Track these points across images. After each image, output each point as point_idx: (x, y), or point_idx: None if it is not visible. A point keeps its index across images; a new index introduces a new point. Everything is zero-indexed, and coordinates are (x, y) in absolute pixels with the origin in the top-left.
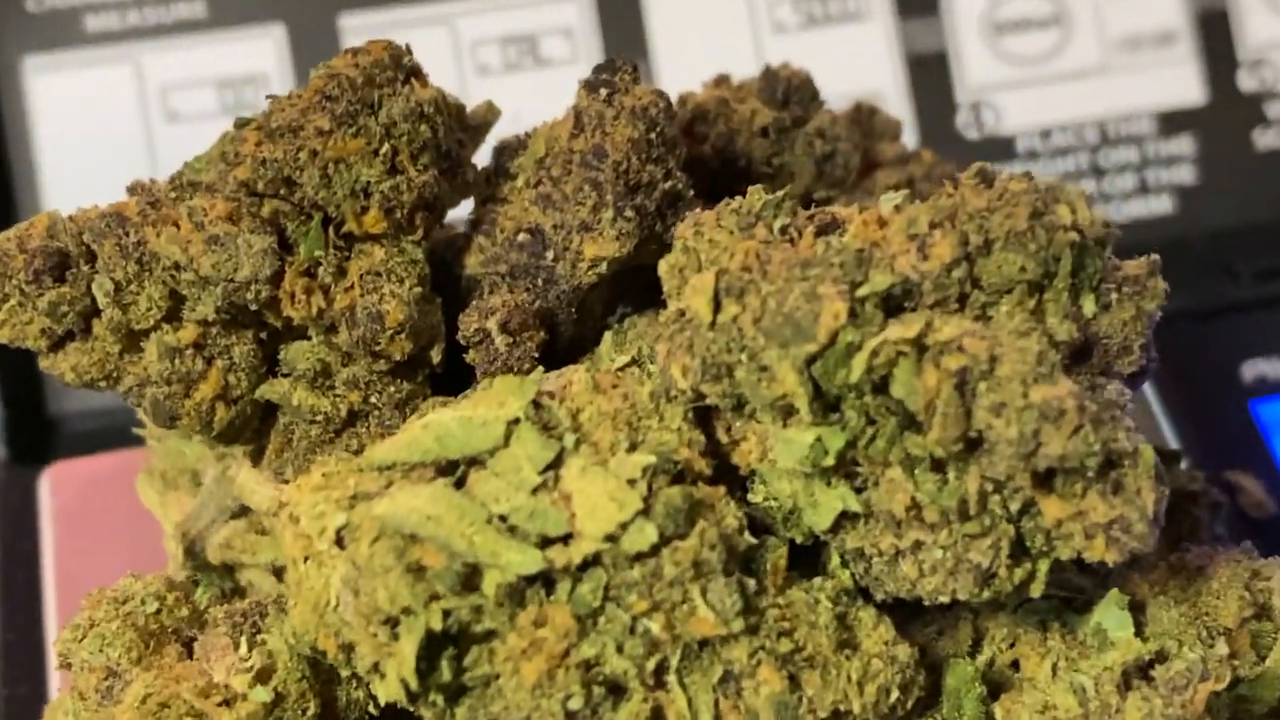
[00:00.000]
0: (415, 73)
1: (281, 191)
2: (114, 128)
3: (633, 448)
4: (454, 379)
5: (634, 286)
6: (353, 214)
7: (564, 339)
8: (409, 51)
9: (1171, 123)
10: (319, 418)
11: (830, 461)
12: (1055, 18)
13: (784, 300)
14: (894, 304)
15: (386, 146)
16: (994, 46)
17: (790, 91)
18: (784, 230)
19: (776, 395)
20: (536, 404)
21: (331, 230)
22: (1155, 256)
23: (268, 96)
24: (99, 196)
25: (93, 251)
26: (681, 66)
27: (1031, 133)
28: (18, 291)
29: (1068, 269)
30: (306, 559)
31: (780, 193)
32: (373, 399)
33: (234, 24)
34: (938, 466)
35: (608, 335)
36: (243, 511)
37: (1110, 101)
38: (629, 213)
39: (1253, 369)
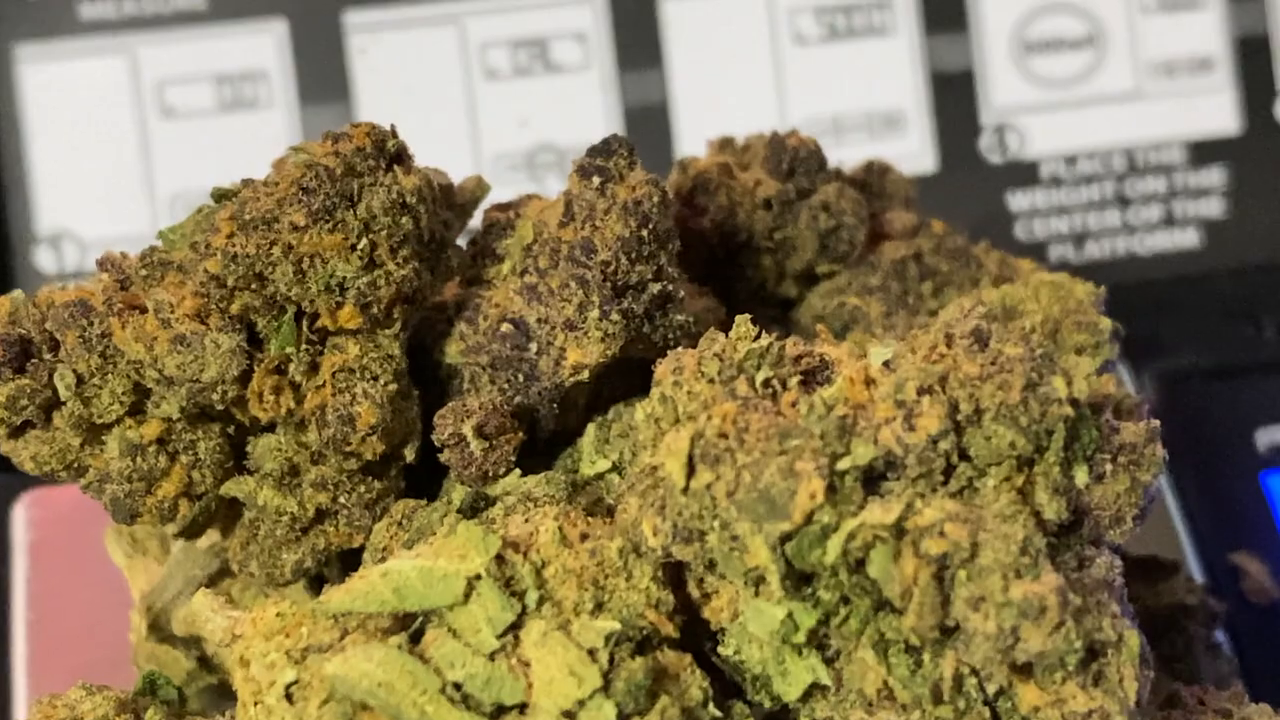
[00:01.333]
0: (399, 157)
1: (253, 286)
2: (107, 122)
3: (598, 608)
4: (430, 472)
5: (621, 372)
6: (327, 309)
7: (545, 433)
8: (394, 134)
9: (1203, 153)
10: (285, 517)
11: (801, 639)
12: (1089, 38)
13: (760, 474)
14: (875, 474)
15: (365, 241)
16: (1023, 66)
17: (796, 162)
18: (767, 383)
19: (749, 567)
20: (500, 558)
21: (305, 324)
22: (1155, 423)
23: (243, 182)
24: (90, 194)
25: (55, 340)
26: (697, 77)
27: (1056, 158)
28: None
29: (1060, 443)
30: (256, 703)
31: (766, 340)
32: (341, 499)
33: (234, 17)
34: (912, 648)
35: (591, 429)
36: (210, 582)
37: (1141, 128)
38: (615, 316)
39: (1268, 437)
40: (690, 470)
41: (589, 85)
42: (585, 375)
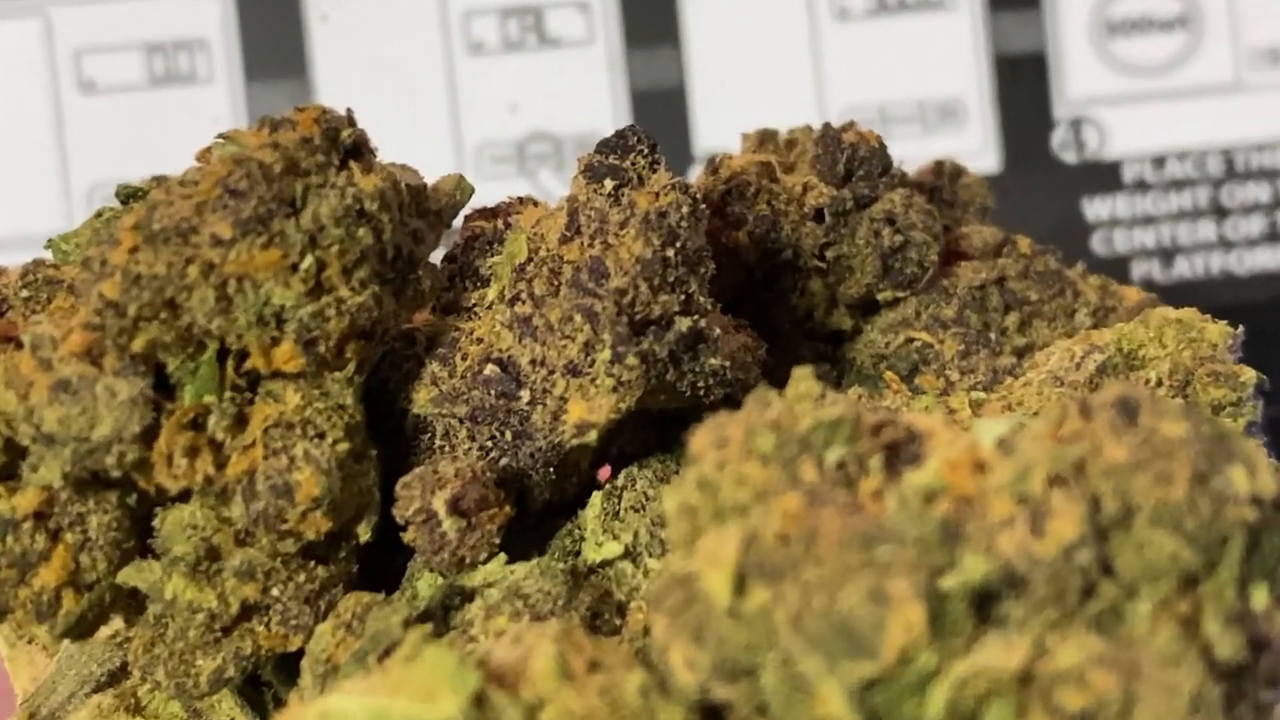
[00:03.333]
0: (356, 151)
1: (162, 315)
2: (14, 97)
3: None
4: (390, 550)
5: (634, 424)
6: (259, 346)
7: (537, 503)
8: (350, 121)
9: None
10: (200, 614)
11: None
12: (1182, 19)
13: (836, 595)
14: (988, 596)
15: (309, 260)
16: (1103, 50)
17: (854, 162)
18: (840, 466)
19: (817, 718)
20: (480, 698)
21: (230, 366)
22: None
23: (154, 179)
24: None
25: None
26: (719, 56)
27: (1142, 159)
28: None
29: (1237, 556)
30: None
31: (836, 410)
32: (274, 591)
33: None
34: None
35: (596, 500)
36: (111, 681)
37: (1241, 126)
38: (631, 360)
39: None
40: (740, 586)
41: (592, 63)
42: (592, 437)
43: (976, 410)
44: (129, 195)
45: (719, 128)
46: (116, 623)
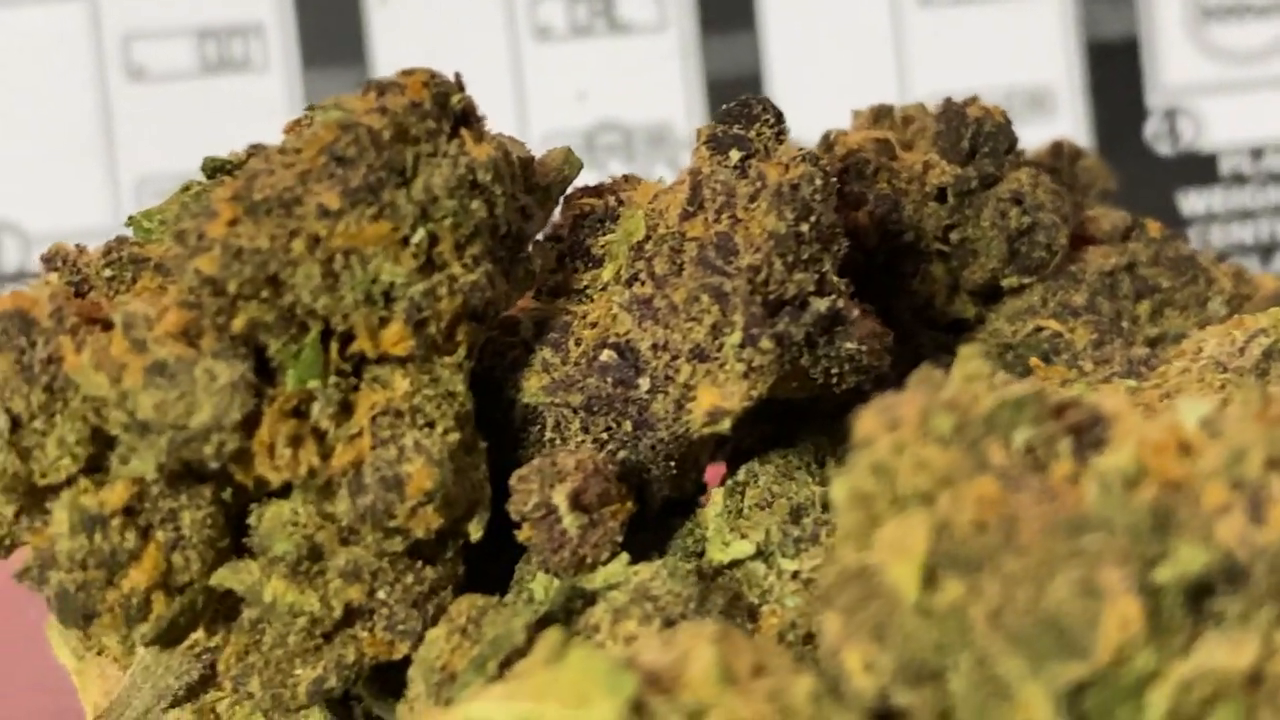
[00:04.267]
0: (467, 118)
1: (263, 294)
2: (60, 85)
3: None
4: (495, 549)
5: (752, 416)
6: (367, 328)
7: (656, 501)
8: (460, 86)
9: None
10: (301, 619)
11: None
12: None
13: (1043, 588)
14: (1203, 590)
15: (421, 233)
16: (1199, 36)
17: (979, 139)
18: (1029, 449)
19: None
20: (638, 705)
21: (335, 349)
22: None
23: (251, 147)
24: (38, 176)
25: None
26: (796, 42)
27: (1240, 151)
28: None
29: None
30: None
31: (1022, 389)
32: (381, 594)
33: None
34: None
35: (718, 497)
36: (189, 695)
37: None
38: (766, 343)
39: None
40: (930, 579)
41: (664, 50)
42: (725, 425)
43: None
44: (216, 168)
45: (797, 117)
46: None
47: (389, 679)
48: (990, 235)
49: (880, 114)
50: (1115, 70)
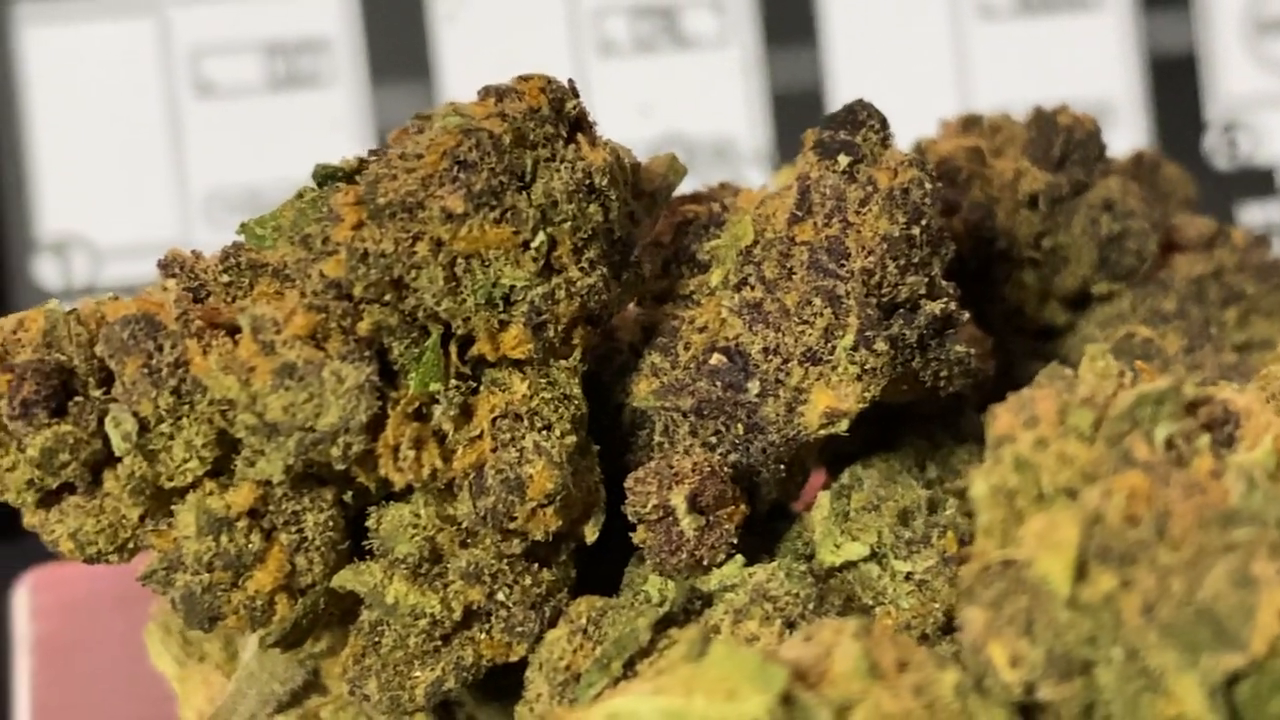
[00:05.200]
0: (581, 123)
1: (387, 297)
2: (129, 101)
3: None
4: (596, 552)
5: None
6: (487, 330)
7: (765, 505)
8: (575, 93)
9: None
10: (422, 620)
11: None
12: None
13: (1197, 580)
14: None
15: (541, 237)
16: (1257, 50)
17: (1070, 146)
18: (1170, 444)
19: (1165, 718)
20: (788, 698)
21: (454, 352)
22: None
23: (371, 152)
24: (106, 190)
25: (108, 370)
26: (859, 56)
27: None
28: None
29: None
30: None
31: (1164, 384)
32: (500, 595)
33: None
34: None
35: (824, 501)
36: (294, 701)
37: None
38: (880, 345)
39: None
40: (1081, 572)
41: (726, 64)
42: (843, 426)
43: None
44: (327, 175)
45: None
46: None
47: (492, 683)
48: (1081, 242)
49: (969, 122)
50: (1174, 84)
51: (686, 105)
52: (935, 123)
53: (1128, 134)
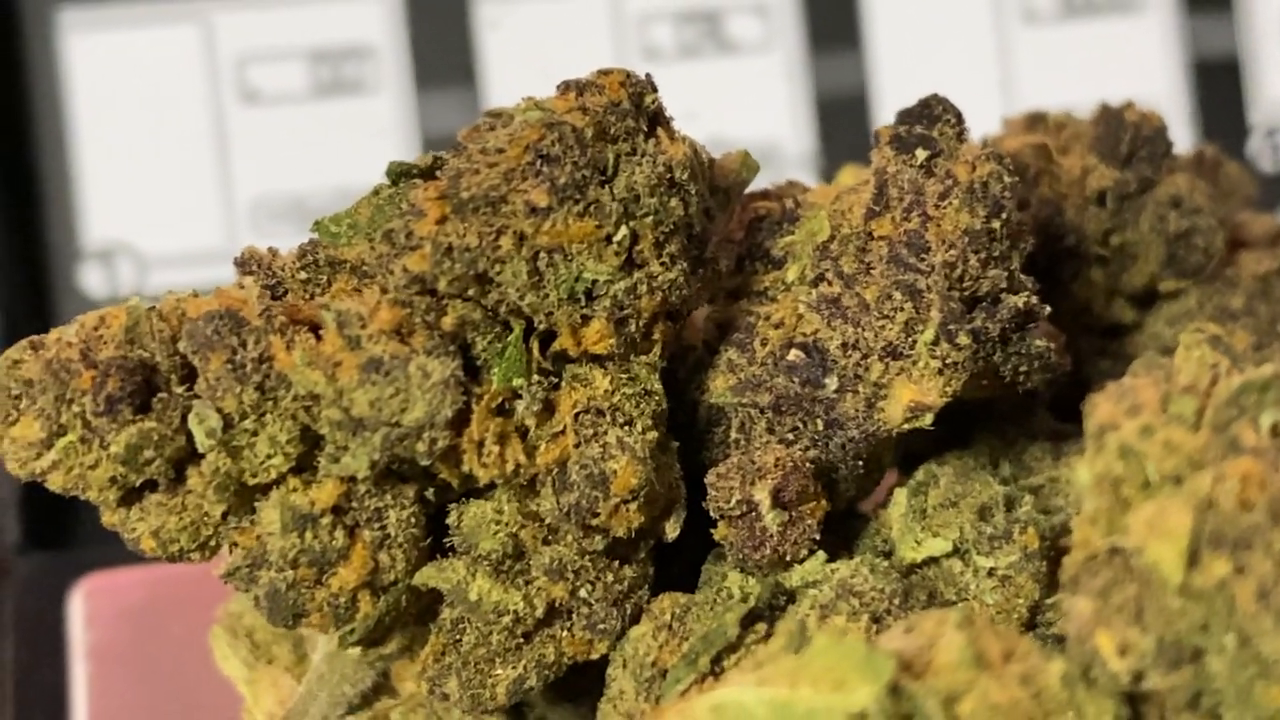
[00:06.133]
0: (659, 118)
1: (470, 291)
2: (174, 108)
3: None
4: (669, 549)
5: None
6: (569, 325)
7: (842, 501)
8: (653, 87)
9: None
10: (505, 618)
11: None
12: None
13: None
14: None
15: (624, 231)
16: None
17: (1138, 143)
18: (1275, 430)
19: (1270, 709)
20: (895, 688)
21: (535, 347)
22: None
23: (456, 144)
24: (152, 198)
25: (190, 366)
26: (903, 60)
27: None
28: (79, 423)
29: None
30: None
31: (1266, 370)
32: (582, 592)
33: None
34: None
35: (901, 497)
36: (364, 703)
37: None
38: (963, 338)
39: None
40: (1193, 558)
41: (771, 69)
42: (927, 420)
43: None
44: (401, 173)
45: None
46: None
47: (563, 684)
48: (1149, 239)
49: (1034, 120)
50: (1218, 87)
51: (731, 110)
52: (977, 123)
53: (1171, 138)
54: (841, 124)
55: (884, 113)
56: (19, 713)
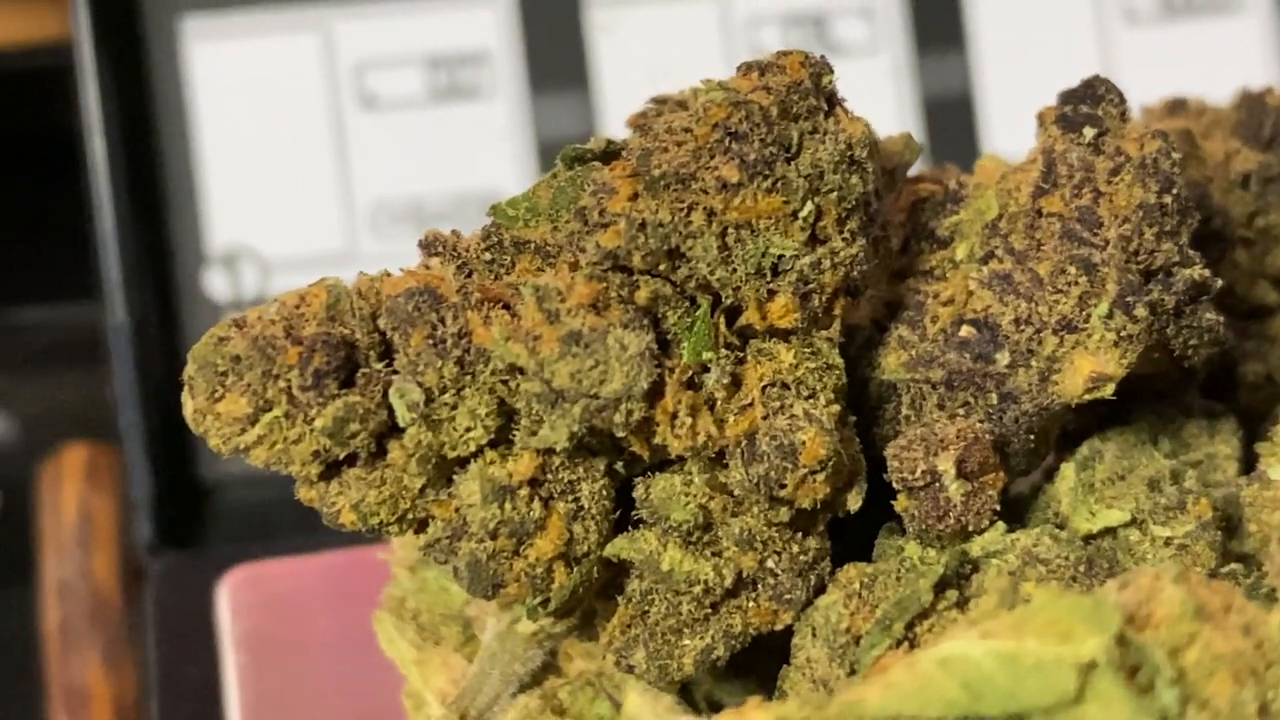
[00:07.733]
0: (835, 98)
1: (661, 267)
2: (294, 113)
3: (1263, 712)
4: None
5: None
6: (755, 300)
7: (1014, 474)
8: (829, 68)
9: None
10: (696, 588)
11: None
12: None
13: None
14: None
15: (809, 207)
16: None
17: (1279, 127)
18: None
19: None
20: (1121, 638)
21: (720, 322)
22: None
23: (636, 129)
24: (274, 203)
25: (389, 342)
26: (1007, 61)
27: None
28: (285, 398)
29: None
30: None
31: None
32: (770, 562)
33: None
34: None
35: (1069, 472)
36: (535, 682)
37: None
38: (1140, 310)
39: None
40: None
41: (878, 71)
42: (1108, 390)
43: None
44: (575, 158)
45: (1011, 135)
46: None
47: (732, 659)
48: None
49: (1175, 105)
50: None
51: None
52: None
53: None
54: (947, 125)
55: (990, 112)
56: (163, 708)
